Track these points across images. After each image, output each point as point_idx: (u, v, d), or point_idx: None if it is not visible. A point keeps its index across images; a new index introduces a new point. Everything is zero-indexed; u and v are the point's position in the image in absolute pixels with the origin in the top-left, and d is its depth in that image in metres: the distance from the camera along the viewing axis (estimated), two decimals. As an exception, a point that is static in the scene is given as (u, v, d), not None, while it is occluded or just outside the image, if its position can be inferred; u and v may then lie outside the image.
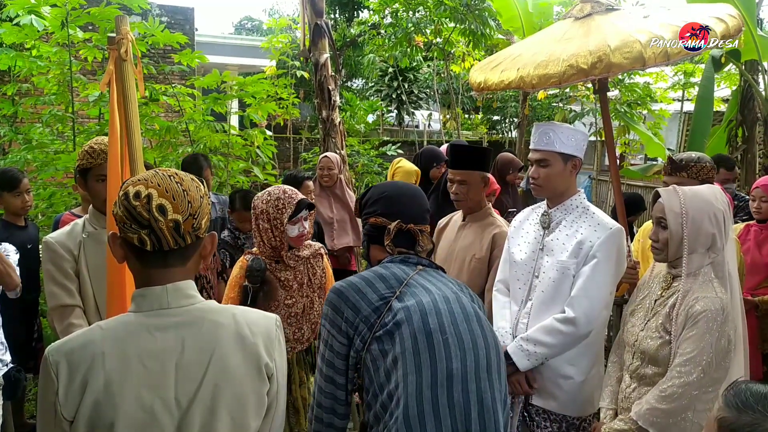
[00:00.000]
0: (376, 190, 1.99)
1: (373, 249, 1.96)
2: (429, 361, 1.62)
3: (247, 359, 1.34)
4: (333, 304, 1.75)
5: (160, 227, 1.28)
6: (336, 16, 15.43)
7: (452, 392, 1.62)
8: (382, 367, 1.66)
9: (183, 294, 1.34)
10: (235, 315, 1.39)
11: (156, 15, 8.52)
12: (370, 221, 1.94)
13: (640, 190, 11.31)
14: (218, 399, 1.29)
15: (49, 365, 1.24)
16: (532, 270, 2.63)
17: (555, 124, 2.61)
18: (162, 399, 1.25)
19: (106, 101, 5.21)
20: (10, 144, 5.92)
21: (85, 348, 1.25)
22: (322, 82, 5.73)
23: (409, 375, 1.61)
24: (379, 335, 1.68)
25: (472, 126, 16.30)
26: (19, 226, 3.76)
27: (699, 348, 2.04)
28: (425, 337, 1.64)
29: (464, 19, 8.11)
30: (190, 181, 1.35)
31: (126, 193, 1.29)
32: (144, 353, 1.26)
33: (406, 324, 1.66)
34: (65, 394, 1.22)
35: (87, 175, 2.54)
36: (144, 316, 1.30)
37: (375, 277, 1.78)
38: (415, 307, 1.69)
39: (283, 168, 9.97)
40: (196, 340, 1.30)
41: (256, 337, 1.37)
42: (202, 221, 1.35)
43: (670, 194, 2.22)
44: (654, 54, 2.45)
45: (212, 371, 1.29)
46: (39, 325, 3.94)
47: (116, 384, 1.22)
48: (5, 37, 5.01)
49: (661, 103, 11.20)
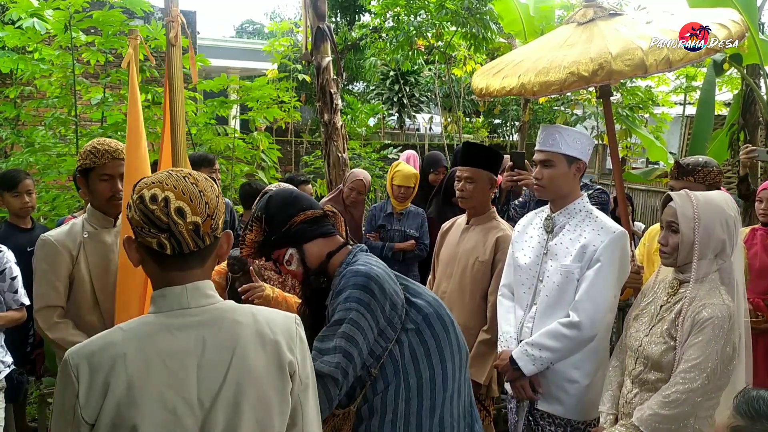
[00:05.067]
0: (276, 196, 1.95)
1: (310, 248, 1.91)
2: (450, 354, 1.86)
3: (268, 357, 1.33)
4: (370, 290, 1.75)
5: (180, 230, 1.26)
6: (337, 20, 15.46)
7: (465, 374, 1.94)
8: (409, 357, 1.80)
9: (202, 293, 1.33)
10: (254, 314, 1.37)
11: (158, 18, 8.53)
12: (297, 220, 1.89)
13: (642, 194, 11.32)
14: (241, 398, 1.28)
15: (70, 368, 1.22)
16: (537, 274, 2.63)
17: (562, 127, 2.62)
18: (184, 399, 1.24)
19: (108, 104, 5.23)
20: (12, 147, 5.93)
21: (106, 350, 1.24)
22: (324, 86, 5.73)
23: (447, 362, 1.84)
24: (410, 328, 1.82)
25: (474, 129, 16.30)
26: (23, 228, 3.74)
27: (705, 355, 2.04)
28: (446, 332, 1.87)
29: (465, 22, 8.11)
30: (205, 181, 1.34)
31: (141, 196, 1.27)
32: (165, 353, 1.25)
33: (433, 320, 1.85)
34: (86, 397, 1.21)
35: (89, 175, 2.55)
36: (164, 317, 1.29)
37: (383, 266, 1.87)
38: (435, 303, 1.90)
39: (284, 171, 9.98)
40: (217, 339, 1.29)
41: (277, 335, 1.35)
42: (219, 221, 1.34)
43: (682, 198, 2.21)
44: (656, 61, 2.45)
45: (234, 370, 1.28)
46: (38, 328, 3.93)
47: (138, 385, 1.21)
48: (8, 40, 5.02)
49: (663, 107, 11.19)
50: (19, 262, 3.18)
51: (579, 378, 2.52)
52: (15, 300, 3.07)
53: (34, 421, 4.03)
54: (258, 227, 1.92)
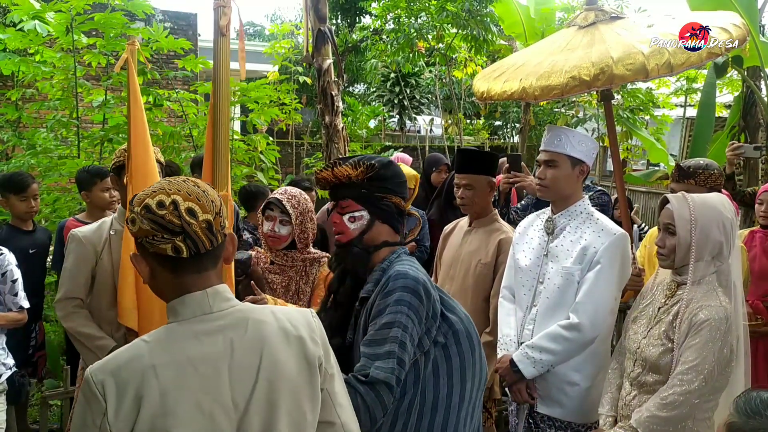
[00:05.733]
0: (397, 168, 1.92)
1: (378, 227, 1.89)
2: (473, 373, 1.83)
3: (295, 352, 1.34)
4: (419, 296, 1.73)
5: (194, 230, 1.26)
6: (338, 22, 15.46)
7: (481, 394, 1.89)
8: (431, 371, 1.75)
9: (223, 297, 1.33)
10: (273, 312, 1.38)
11: (160, 21, 8.56)
12: (392, 200, 1.88)
13: (643, 196, 11.32)
14: (274, 396, 1.28)
15: (94, 385, 1.20)
16: (537, 276, 2.63)
17: (568, 128, 2.63)
18: (220, 403, 1.24)
19: (110, 106, 5.24)
20: (14, 149, 5.94)
21: (132, 362, 1.23)
22: (326, 88, 5.74)
23: (467, 382, 1.80)
24: (439, 341, 1.78)
25: (474, 131, 16.32)
26: (25, 230, 3.75)
27: (701, 356, 2.04)
28: (472, 352, 1.82)
29: (466, 24, 8.13)
30: (203, 183, 1.35)
31: (147, 206, 1.26)
32: (196, 359, 1.25)
33: (462, 338, 1.81)
34: (116, 414, 1.18)
35: (121, 173, 2.68)
36: (188, 324, 1.29)
37: (425, 273, 1.82)
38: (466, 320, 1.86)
39: (285, 173, 9.98)
40: (245, 341, 1.30)
41: (300, 330, 1.37)
42: (225, 219, 1.35)
43: (679, 201, 2.22)
44: (657, 66, 2.45)
45: (265, 369, 1.29)
46: (40, 331, 3.93)
47: (172, 394, 1.21)
48: (9, 43, 5.03)
49: (664, 109, 11.22)
50: (21, 265, 3.18)
51: (579, 381, 2.52)
52: (14, 303, 3.08)
53: (35, 423, 4.03)
54: (362, 172, 1.86)
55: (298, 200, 2.77)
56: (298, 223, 2.74)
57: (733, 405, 1.43)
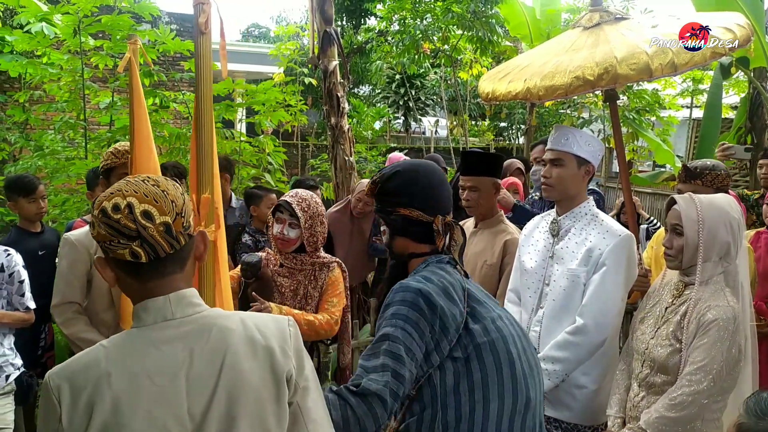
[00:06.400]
0: (406, 177, 1.82)
1: (399, 239, 1.84)
2: (512, 390, 1.65)
3: (261, 364, 1.26)
4: (419, 308, 1.63)
5: (151, 234, 1.20)
6: (343, 23, 15.47)
7: (527, 420, 1.68)
8: (451, 387, 1.64)
9: (187, 302, 1.27)
10: (243, 320, 1.31)
11: (166, 23, 8.59)
12: (401, 212, 1.80)
13: (649, 197, 11.30)
14: (234, 407, 1.22)
15: (51, 390, 1.18)
16: (542, 278, 2.63)
17: (575, 129, 2.63)
18: (174, 415, 1.18)
19: (117, 108, 5.27)
20: (21, 150, 5.97)
21: (88, 369, 1.19)
22: (331, 90, 5.75)
23: (491, 402, 1.63)
24: (457, 356, 1.65)
25: (479, 132, 16.32)
26: (33, 232, 3.76)
27: (710, 356, 2.04)
28: (509, 366, 1.66)
29: (472, 26, 8.14)
30: (166, 182, 1.28)
31: (103, 209, 1.21)
32: (152, 369, 1.20)
33: (489, 351, 1.66)
34: (69, 420, 1.16)
35: (111, 175, 2.72)
36: (149, 330, 1.24)
37: (447, 284, 1.69)
38: (496, 333, 1.68)
39: (291, 174, 10.00)
40: (205, 349, 1.23)
41: (269, 341, 1.29)
42: (190, 218, 1.29)
43: (686, 201, 2.23)
44: (661, 65, 2.45)
45: (224, 379, 1.22)
46: (49, 331, 3.95)
47: (125, 404, 1.16)
48: (17, 45, 5.08)
49: (670, 110, 11.20)
50: (30, 266, 3.21)
51: (587, 383, 2.51)
52: (21, 303, 3.10)
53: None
54: (371, 189, 1.87)
55: (309, 203, 2.77)
56: (308, 227, 2.74)
57: (743, 406, 1.44)
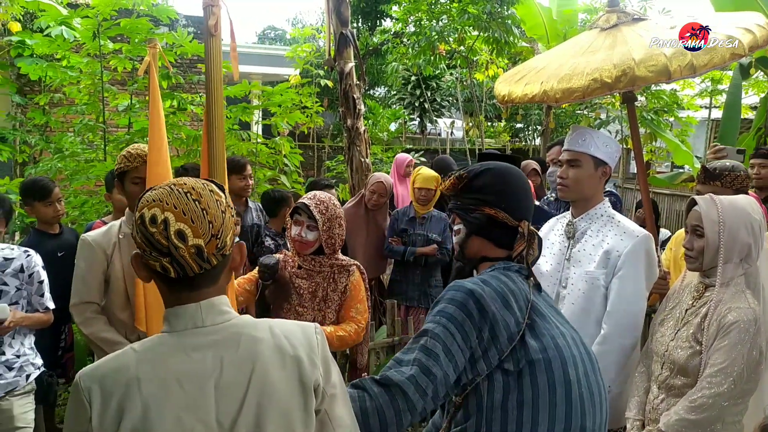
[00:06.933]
0: (497, 175, 1.75)
1: (476, 240, 1.76)
2: (564, 414, 1.55)
3: (289, 373, 1.27)
4: (467, 310, 1.55)
5: (181, 254, 1.20)
6: (359, 25, 15.51)
7: None
8: (499, 401, 1.56)
9: (217, 310, 1.28)
10: (271, 327, 1.31)
11: (183, 26, 8.66)
12: (486, 211, 1.73)
13: (667, 199, 11.20)
14: (263, 417, 1.23)
15: (81, 391, 1.19)
16: (558, 281, 2.60)
17: (592, 129, 2.60)
18: (203, 422, 1.19)
19: (135, 110, 5.32)
20: (41, 153, 6.04)
21: (118, 373, 1.20)
22: (347, 91, 5.76)
23: (540, 424, 1.54)
24: (508, 369, 1.56)
25: (495, 134, 16.26)
26: (52, 233, 3.80)
27: (730, 359, 2.03)
28: (564, 388, 1.56)
29: (488, 27, 8.12)
30: (209, 196, 1.26)
31: (142, 216, 1.21)
32: (182, 375, 1.21)
33: (543, 369, 1.55)
34: (100, 422, 1.17)
35: (124, 178, 2.73)
36: (179, 336, 1.25)
37: (507, 291, 1.61)
38: (554, 351, 1.58)
39: (306, 176, 10.04)
40: (235, 357, 1.24)
41: (297, 349, 1.30)
42: (227, 239, 1.27)
43: (707, 203, 2.21)
44: (680, 67, 2.43)
45: (253, 389, 1.23)
46: (69, 332, 3.99)
47: (155, 409, 1.17)
48: (37, 48, 5.14)
49: (688, 111, 11.09)
50: (50, 267, 3.24)
51: (611, 386, 2.42)
52: (41, 303, 3.13)
53: (62, 422, 4.09)
54: (453, 184, 1.80)
55: (327, 206, 2.77)
56: (326, 229, 2.74)
57: None
